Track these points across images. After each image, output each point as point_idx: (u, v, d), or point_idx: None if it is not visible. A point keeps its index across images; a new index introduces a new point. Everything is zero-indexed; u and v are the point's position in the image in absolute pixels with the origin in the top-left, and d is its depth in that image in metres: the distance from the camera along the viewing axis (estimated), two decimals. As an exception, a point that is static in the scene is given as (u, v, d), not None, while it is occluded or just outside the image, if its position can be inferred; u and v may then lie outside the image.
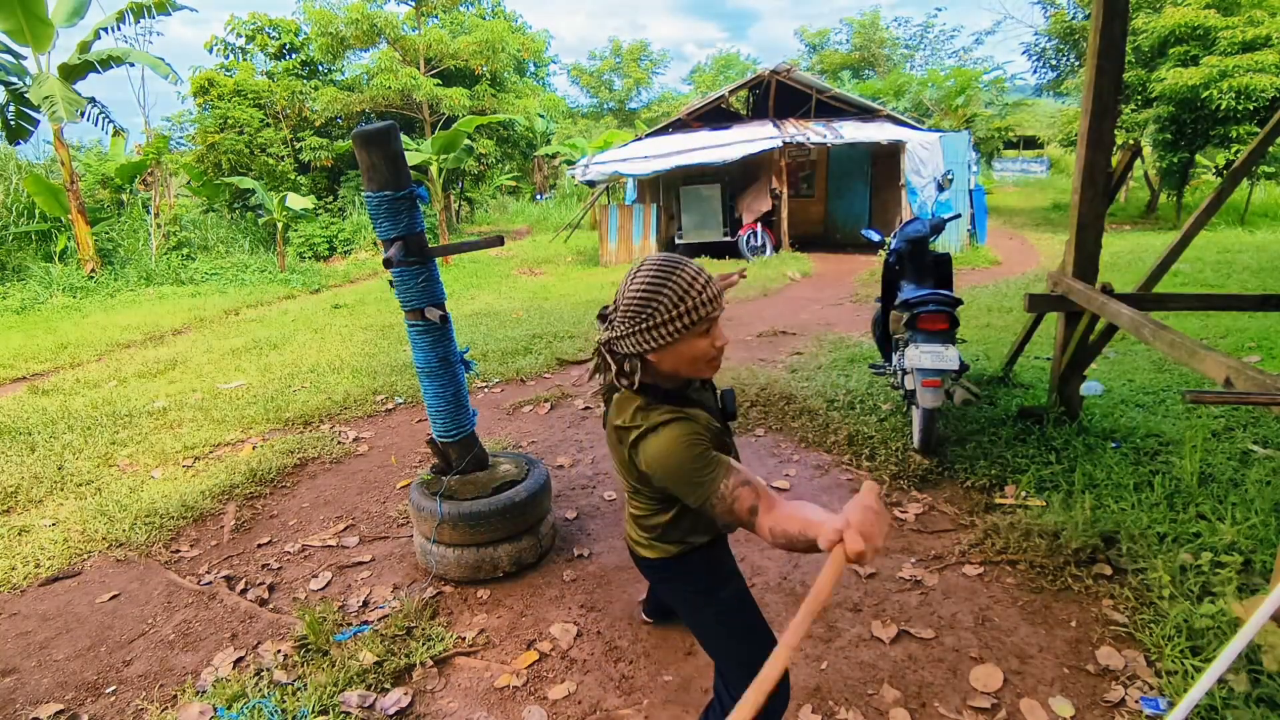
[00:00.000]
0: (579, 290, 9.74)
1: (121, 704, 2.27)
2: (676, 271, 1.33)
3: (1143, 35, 13.22)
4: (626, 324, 1.36)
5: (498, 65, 17.20)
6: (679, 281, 1.32)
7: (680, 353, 1.37)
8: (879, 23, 31.93)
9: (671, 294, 1.32)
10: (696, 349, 1.37)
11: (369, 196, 2.61)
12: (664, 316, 1.32)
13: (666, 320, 1.33)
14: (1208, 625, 2.14)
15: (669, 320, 1.33)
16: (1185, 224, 3.50)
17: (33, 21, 10.01)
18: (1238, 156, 9.14)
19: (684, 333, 1.34)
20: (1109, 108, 3.44)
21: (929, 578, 2.66)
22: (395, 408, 5.01)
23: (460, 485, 2.83)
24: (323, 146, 15.84)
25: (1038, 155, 29.48)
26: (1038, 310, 3.90)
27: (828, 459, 3.74)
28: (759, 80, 13.19)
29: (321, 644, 2.41)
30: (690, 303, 1.32)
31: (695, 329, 1.34)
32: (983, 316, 6.80)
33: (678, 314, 1.32)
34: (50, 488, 3.85)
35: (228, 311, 9.29)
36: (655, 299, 1.33)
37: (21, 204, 12.27)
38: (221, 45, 16.22)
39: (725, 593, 1.67)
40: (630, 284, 1.35)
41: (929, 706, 2.06)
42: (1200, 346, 2.32)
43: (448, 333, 2.83)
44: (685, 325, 1.33)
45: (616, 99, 37.33)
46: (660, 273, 1.34)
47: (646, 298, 1.33)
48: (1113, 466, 3.19)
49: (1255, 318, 5.63)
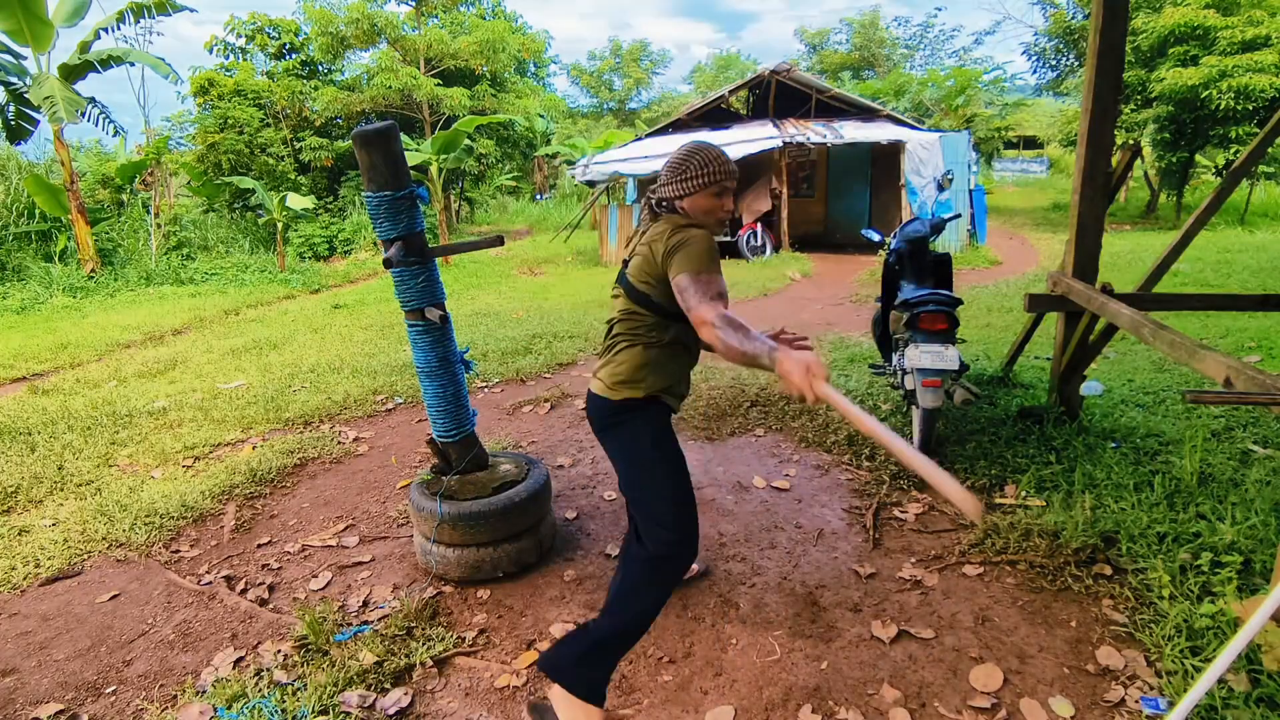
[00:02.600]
0: (579, 290, 9.74)
1: (121, 704, 2.27)
2: (705, 147, 1.97)
3: (1143, 35, 13.23)
4: (666, 175, 1.97)
5: (498, 65, 17.21)
6: (706, 153, 1.94)
7: (699, 203, 1.95)
8: (879, 23, 31.96)
9: (700, 159, 1.93)
10: (711, 204, 1.96)
11: (369, 196, 2.61)
12: (693, 172, 1.93)
13: (694, 175, 1.92)
14: (1208, 625, 2.14)
15: (696, 176, 1.92)
16: (1185, 224, 3.50)
17: (33, 21, 10.01)
18: (1237, 156, 9.14)
19: (704, 188, 1.93)
20: (1109, 108, 3.44)
21: (929, 578, 2.66)
22: (395, 408, 5.01)
23: (460, 485, 2.83)
24: (323, 146, 15.83)
25: (1038, 155, 29.49)
26: (1038, 310, 3.91)
27: (828, 459, 3.74)
28: (759, 80, 13.19)
29: (321, 644, 2.41)
30: (712, 169, 1.92)
31: (711, 188, 1.93)
32: (983, 316, 6.81)
33: (703, 172, 1.92)
34: (50, 488, 3.85)
35: (228, 311, 9.29)
36: (689, 160, 1.94)
37: (21, 204, 12.27)
38: (221, 45, 16.22)
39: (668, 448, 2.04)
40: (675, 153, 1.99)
41: (929, 706, 2.06)
42: (1200, 346, 2.32)
43: (448, 333, 2.83)
44: (705, 182, 1.92)
45: (616, 99, 37.35)
46: (695, 146, 1.98)
47: (683, 158, 1.95)
48: (1113, 466, 3.19)
49: (1255, 318, 5.63)
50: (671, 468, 2.01)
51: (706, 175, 1.91)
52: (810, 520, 3.15)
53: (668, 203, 1.98)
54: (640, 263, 1.96)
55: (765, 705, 2.10)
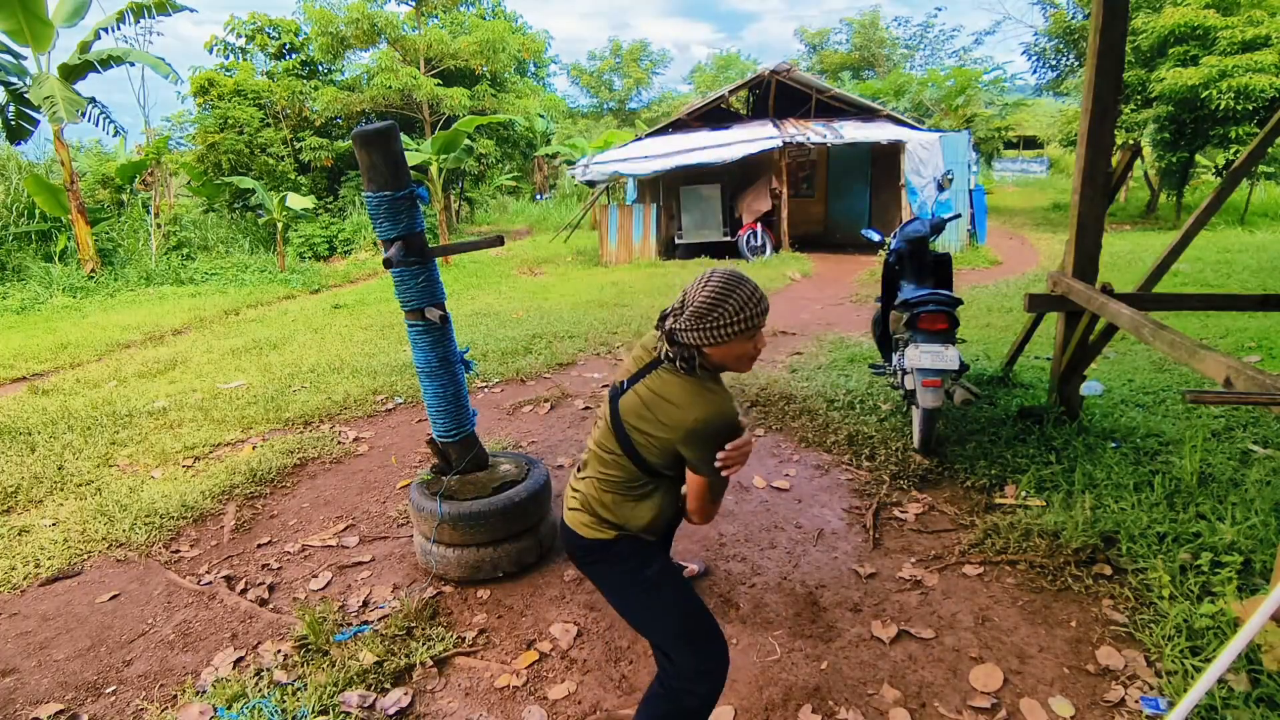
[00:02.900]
0: (579, 290, 9.74)
1: (121, 704, 2.27)
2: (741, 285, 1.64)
3: (1143, 35, 13.22)
4: (693, 320, 1.63)
5: (498, 65, 17.20)
6: (742, 294, 1.62)
7: (731, 350, 1.66)
8: (879, 23, 31.94)
9: (736, 302, 1.61)
10: (744, 349, 1.68)
11: (369, 197, 2.61)
12: (727, 319, 1.61)
13: (729, 323, 1.61)
14: (1208, 625, 2.15)
15: (731, 324, 1.61)
16: (1185, 224, 3.50)
17: (33, 21, 10.01)
18: (1237, 156, 9.14)
19: (739, 335, 1.63)
20: (1109, 108, 3.44)
21: (929, 578, 2.66)
22: (395, 408, 5.01)
23: (460, 485, 2.83)
24: (323, 146, 15.83)
25: (1038, 155, 29.48)
26: (1038, 310, 3.90)
27: (828, 459, 3.74)
28: (759, 80, 13.18)
29: (321, 644, 2.41)
30: (749, 312, 1.62)
31: (747, 333, 1.64)
32: (983, 316, 6.80)
33: (739, 319, 1.61)
34: (50, 488, 3.85)
35: (228, 311, 9.29)
36: (723, 304, 1.61)
37: (22, 204, 12.26)
38: (221, 45, 16.22)
39: (650, 570, 1.81)
40: (703, 289, 1.64)
41: (929, 706, 2.06)
42: (1200, 346, 2.32)
43: (448, 333, 2.83)
44: (741, 329, 1.62)
45: (616, 99, 37.34)
46: (729, 284, 1.63)
47: (716, 301, 1.62)
48: (1113, 466, 3.19)
49: (1255, 318, 5.63)
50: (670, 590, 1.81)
51: (743, 321, 1.61)
52: (810, 520, 3.15)
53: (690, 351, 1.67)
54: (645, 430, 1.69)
55: (765, 705, 2.10)
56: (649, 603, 1.80)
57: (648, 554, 1.83)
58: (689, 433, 1.63)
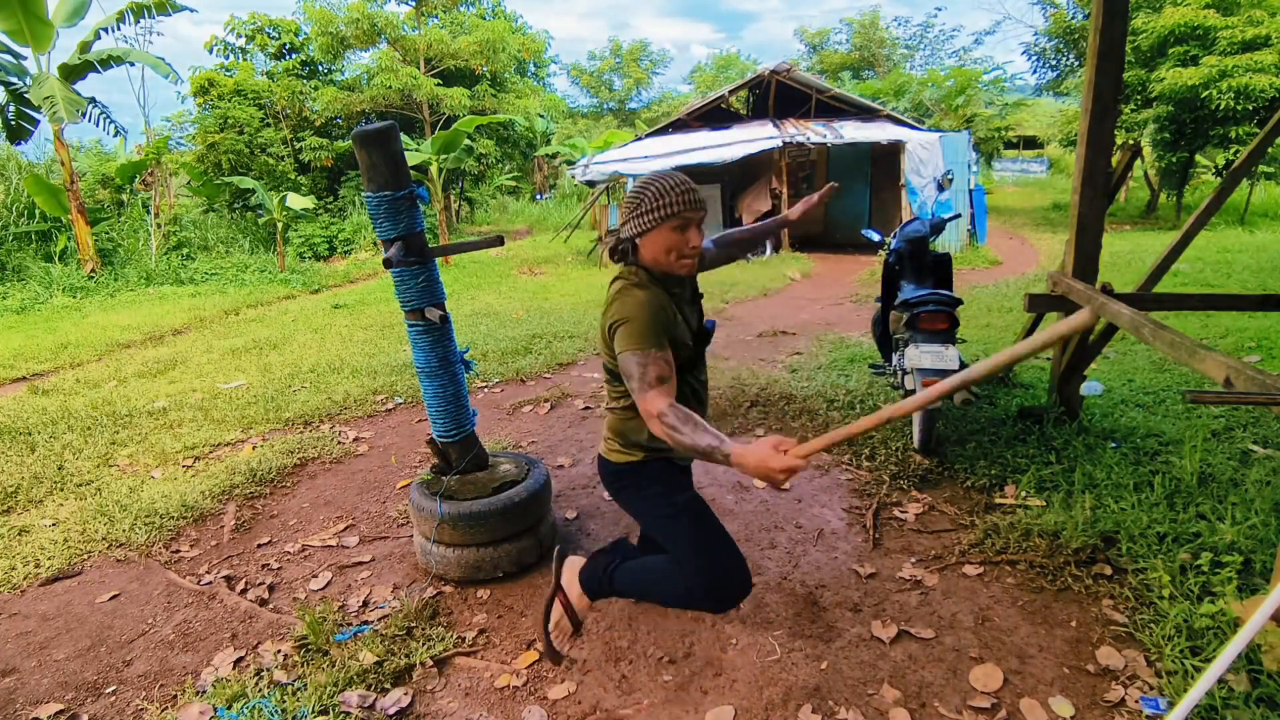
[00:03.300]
0: (579, 290, 9.74)
1: (121, 704, 2.27)
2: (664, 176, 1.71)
3: (1143, 35, 13.22)
4: (624, 212, 1.73)
5: (498, 65, 17.21)
6: (663, 182, 1.70)
7: (658, 241, 1.71)
8: (879, 23, 31.95)
9: (655, 189, 1.69)
10: (671, 240, 1.72)
11: (369, 196, 2.61)
12: (648, 205, 1.69)
13: (649, 209, 1.69)
14: (1208, 625, 2.14)
15: (651, 210, 1.68)
16: (1185, 224, 3.49)
17: (33, 21, 10.01)
18: (1237, 156, 9.14)
19: (661, 222, 1.69)
20: (1109, 108, 3.44)
21: (929, 578, 2.66)
22: (395, 408, 5.01)
23: (460, 485, 2.83)
24: (323, 146, 15.83)
25: (1038, 155, 29.48)
26: (1038, 310, 3.90)
27: (828, 459, 3.73)
28: (759, 80, 13.19)
29: (321, 644, 2.41)
30: (669, 199, 1.68)
31: (670, 221, 1.69)
32: (983, 316, 6.81)
33: (658, 205, 1.68)
34: (50, 488, 3.85)
35: (228, 311, 9.29)
36: (643, 192, 1.71)
37: (21, 204, 12.26)
38: (221, 45, 16.23)
39: (680, 497, 1.90)
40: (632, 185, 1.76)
41: (929, 706, 2.06)
42: (1200, 346, 2.32)
43: (448, 333, 2.82)
44: (662, 216, 1.68)
45: (616, 99, 37.36)
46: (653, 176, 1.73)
47: (638, 190, 1.71)
48: (1113, 466, 3.19)
49: (1255, 318, 5.63)
50: (691, 518, 1.87)
51: (665, 207, 1.67)
52: (810, 520, 3.15)
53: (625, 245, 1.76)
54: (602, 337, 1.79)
55: (765, 705, 2.10)
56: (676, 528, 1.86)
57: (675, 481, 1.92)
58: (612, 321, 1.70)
